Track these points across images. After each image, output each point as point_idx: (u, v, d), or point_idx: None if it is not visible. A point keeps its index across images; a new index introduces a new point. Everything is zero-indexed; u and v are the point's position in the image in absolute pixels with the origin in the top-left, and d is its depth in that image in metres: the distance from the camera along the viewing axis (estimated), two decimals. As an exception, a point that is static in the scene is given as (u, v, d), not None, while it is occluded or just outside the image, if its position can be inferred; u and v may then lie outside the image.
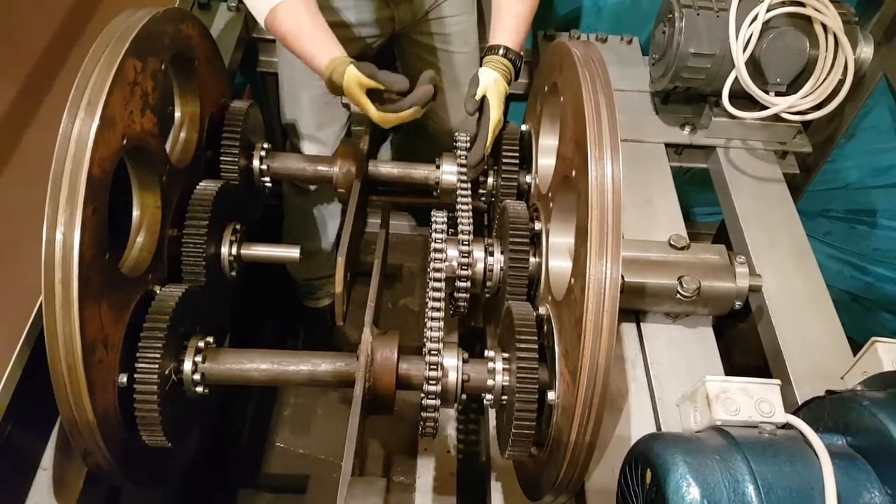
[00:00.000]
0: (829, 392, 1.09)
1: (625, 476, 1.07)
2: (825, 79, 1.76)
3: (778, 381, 1.14)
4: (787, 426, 1.07)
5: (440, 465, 2.11)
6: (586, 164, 1.10)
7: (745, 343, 1.70)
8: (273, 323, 2.66)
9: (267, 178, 1.73)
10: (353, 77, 1.39)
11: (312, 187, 2.16)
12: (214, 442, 2.25)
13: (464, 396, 1.32)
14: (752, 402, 1.11)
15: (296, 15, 1.45)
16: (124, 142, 1.20)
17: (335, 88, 1.44)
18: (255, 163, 1.70)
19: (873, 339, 1.26)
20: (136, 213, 1.35)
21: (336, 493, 1.07)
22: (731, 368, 1.53)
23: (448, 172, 1.68)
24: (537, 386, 1.20)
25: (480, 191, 1.71)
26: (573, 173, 1.20)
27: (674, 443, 0.99)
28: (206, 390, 1.35)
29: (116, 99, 1.16)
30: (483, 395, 1.31)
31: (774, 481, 0.93)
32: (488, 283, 1.50)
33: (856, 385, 1.15)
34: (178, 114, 1.54)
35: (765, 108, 1.79)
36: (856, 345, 1.39)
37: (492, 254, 1.50)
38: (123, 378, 1.20)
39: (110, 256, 1.18)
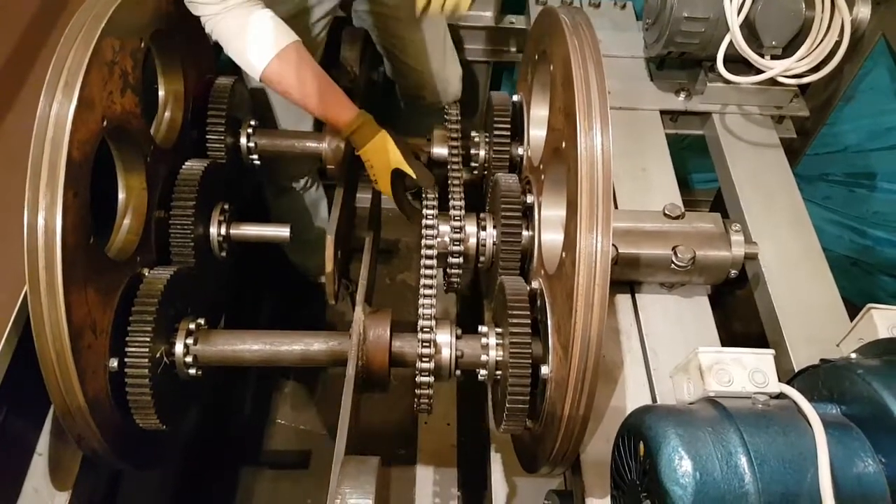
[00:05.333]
0: (823, 360, 1.08)
1: (618, 449, 1.07)
2: (821, 40, 1.72)
3: (772, 351, 1.13)
4: (780, 396, 1.06)
5: (440, 438, 2.12)
6: (576, 136, 1.08)
7: (741, 311, 1.69)
8: (270, 300, 2.65)
9: (255, 156, 1.71)
10: (391, 154, 1.43)
11: (296, 185, 2.10)
12: (215, 420, 2.26)
13: (458, 372, 1.31)
14: (746, 372, 1.10)
15: (297, 63, 1.40)
16: (104, 123, 1.17)
17: (356, 144, 1.47)
18: (243, 140, 1.68)
19: (868, 305, 1.24)
20: (121, 195, 1.33)
21: (338, 467, 1.08)
22: (728, 336, 1.53)
23: (439, 146, 1.66)
24: (531, 360, 1.20)
25: (472, 164, 1.68)
26: (563, 145, 1.18)
27: (666, 415, 0.99)
28: (199, 372, 1.34)
29: (94, 80, 1.13)
30: (477, 370, 1.31)
31: (767, 452, 0.92)
32: (481, 258, 1.49)
33: (850, 353, 1.14)
34: (161, 92, 1.51)
35: (760, 72, 1.76)
36: (855, 308, 1.37)
37: (484, 228, 1.48)
38: (114, 362, 1.20)
39: (95, 240, 1.16)
